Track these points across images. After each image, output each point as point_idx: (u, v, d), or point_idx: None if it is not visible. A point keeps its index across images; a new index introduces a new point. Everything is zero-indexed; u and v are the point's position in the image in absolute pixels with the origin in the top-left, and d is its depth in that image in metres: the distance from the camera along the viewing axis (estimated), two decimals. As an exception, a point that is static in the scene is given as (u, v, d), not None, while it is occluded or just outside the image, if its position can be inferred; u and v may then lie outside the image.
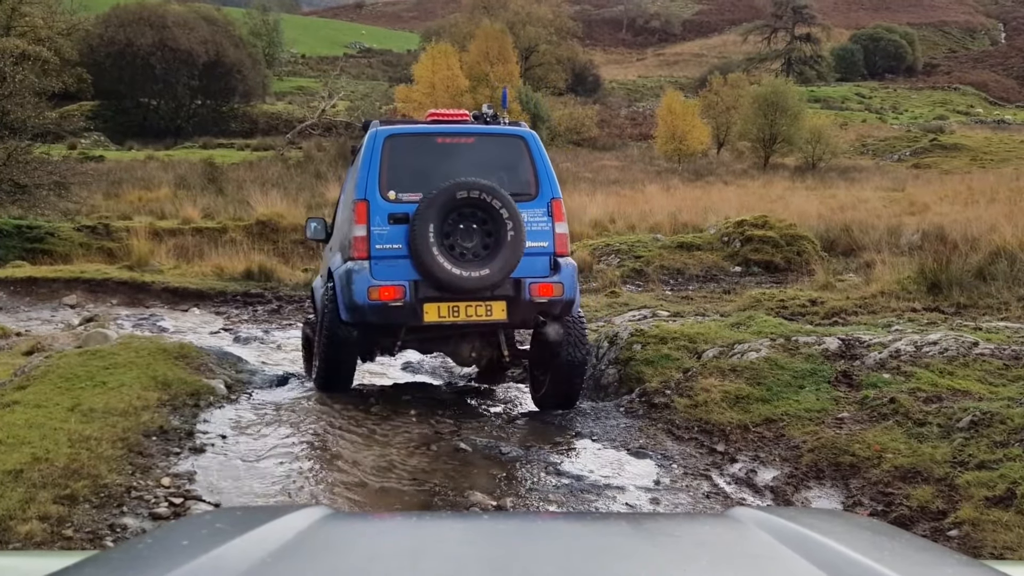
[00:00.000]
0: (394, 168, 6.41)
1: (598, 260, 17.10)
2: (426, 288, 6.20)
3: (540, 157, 6.66)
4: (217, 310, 14.40)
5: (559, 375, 6.69)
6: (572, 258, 6.55)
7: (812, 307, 12.07)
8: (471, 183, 6.17)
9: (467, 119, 7.06)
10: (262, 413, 5.93)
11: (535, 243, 6.37)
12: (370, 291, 6.15)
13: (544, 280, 6.35)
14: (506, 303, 6.29)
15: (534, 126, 41.38)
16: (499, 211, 6.16)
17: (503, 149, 6.75)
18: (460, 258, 6.18)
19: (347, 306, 6.32)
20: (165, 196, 27.82)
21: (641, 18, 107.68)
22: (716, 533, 1.43)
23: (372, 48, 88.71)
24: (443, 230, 6.15)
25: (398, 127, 6.84)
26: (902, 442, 5.07)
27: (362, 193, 6.32)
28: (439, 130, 6.72)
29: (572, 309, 6.54)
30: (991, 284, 11.81)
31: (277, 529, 1.32)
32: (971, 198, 29.49)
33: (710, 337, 7.12)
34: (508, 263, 6.15)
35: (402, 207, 6.30)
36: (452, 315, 6.24)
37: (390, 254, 6.24)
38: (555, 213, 6.52)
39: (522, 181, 6.58)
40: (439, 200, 6.11)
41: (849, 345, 6.40)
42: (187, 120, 52.63)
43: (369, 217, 6.26)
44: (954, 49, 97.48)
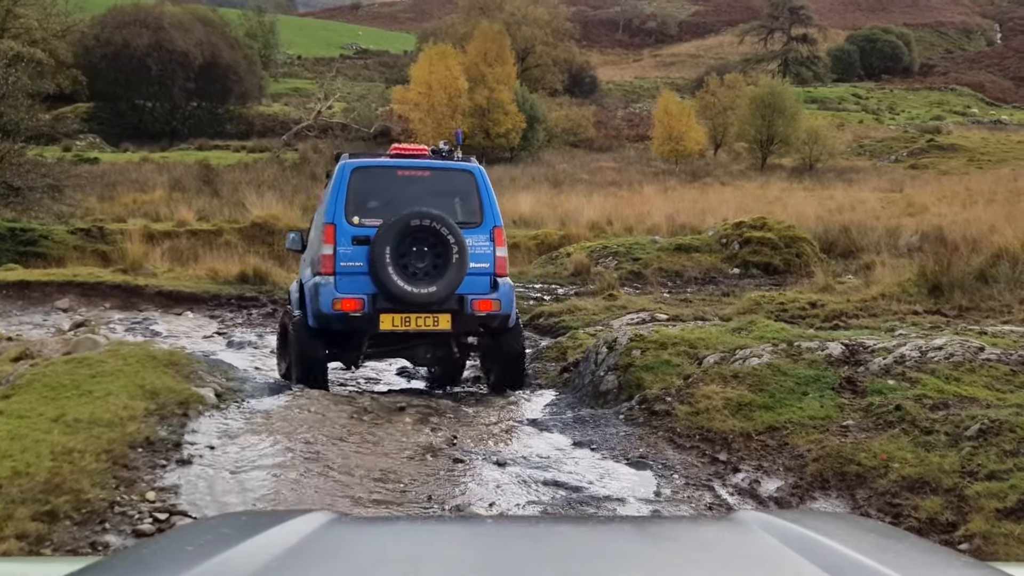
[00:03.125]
0: (359, 196, 7.48)
1: (596, 262, 16.97)
2: (382, 301, 7.23)
3: (486, 190, 7.75)
4: (211, 314, 14.25)
5: (504, 364, 7.90)
6: (573, 258, 7.18)
7: (812, 310, 11.94)
8: (424, 212, 7.20)
9: (426, 154, 8.16)
10: (252, 422, 5.78)
11: (478, 264, 7.45)
12: (334, 302, 7.23)
13: (484, 297, 7.46)
14: (451, 315, 7.37)
15: (531, 127, 41.01)
16: (447, 237, 7.19)
17: (455, 182, 7.85)
18: (412, 276, 7.21)
19: (314, 315, 7.36)
20: (160, 198, 27.64)
21: (637, 19, 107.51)
22: (720, 536, 1.42)
23: (368, 49, 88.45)
24: (398, 251, 7.17)
25: (364, 160, 7.93)
26: (909, 451, 4.94)
27: (331, 217, 7.37)
28: (399, 164, 7.83)
29: (509, 321, 7.68)
30: (993, 286, 11.69)
31: (282, 534, 1.32)
32: (969, 199, 29.41)
33: (711, 342, 6.98)
34: (453, 282, 7.22)
35: (364, 231, 7.32)
36: (404, 324, 7.31)
37: (352, 271, 7.29)
38: (496, 239, 7.64)
39: (470, 210, 7.68)
40: (396, 226, 7.14)
41: (853, 350, 6.27)
42: (183, 122, 52.38)
43: (336, 238, 7.31)
44: (950, 50, 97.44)
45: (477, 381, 8.71)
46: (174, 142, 49.02)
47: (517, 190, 31.01)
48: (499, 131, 46.15)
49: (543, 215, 24.82)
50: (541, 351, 8.99)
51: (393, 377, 9.30)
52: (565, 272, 16.60)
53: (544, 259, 18.20)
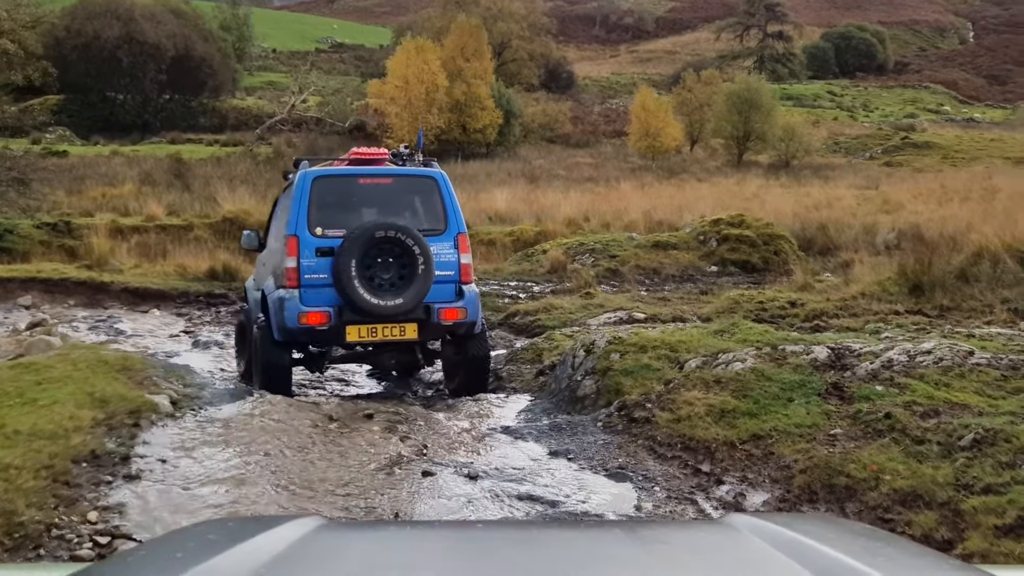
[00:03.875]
0: (321, 207, 7.37)
1: (572, 259, 16.71)
2: (348, 313, 7.16)
3: (449, 196, 7.69)
4: (179, 311, 13.89)
5: (468, 369, 7.83)
6: (549, 255, 7.04)
7: (792, 309, 11.75)
8: (388, 224, 7.18)
9: (386, 158, 8.06)
10: (209, 432, 5.46)
11: (443, 272, 7.38)
12: (299, 316, 7.13)
13: (450, 305, 7.42)
14: (418, 325, 7.34)
15: (507, 122, 40.72)
16: (412, 248, 7.13)
17: (417, 188, 7.80)
18: (378, 288, 7.15)
19: (280, 328, 7.27)
20: (129, 192, 27.09)
21: (614, 15, 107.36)
22: (711, 539, 1.42)
23: (344, 43, 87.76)
24: (363, 263, 7.09)
25: (325, 169, 7.82)
26: (900, 462, 4.72)
27: (293, 229, 7.25)
28: (361, 172, 7.75)
29: (475, 328, 7.66)
30: (974, 286, 11.54)
31: (270, 540, 1.31)
32: (945, 197, 29.41)
33: (692, 345, 6.72)
34: (419, 293, 7.18)
35: (328, 242, 7.23)
36: (371, 335, 7.27)
37: (317, 283, 7.19)
38: (460, 246, 7.58)
39: (433, 217, 7.62)
40: (360, 238, 7.06)
41: (839, 354, 6.04)
42: (155, 115, 51.57)
43: (299, 251, 7.20)
44: (924, 48, 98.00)
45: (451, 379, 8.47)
46: (146, 135, 48.30)
47: (493, 186, 30.74)
48: (476, 126, 45.78)
49: (519, 211, 24.53)
50: (516, 353, 8.69)
51: (365, 379, 8.99)
52: (541, 269, 16.34)
53: (520, 256, 17.93)
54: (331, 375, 8.83)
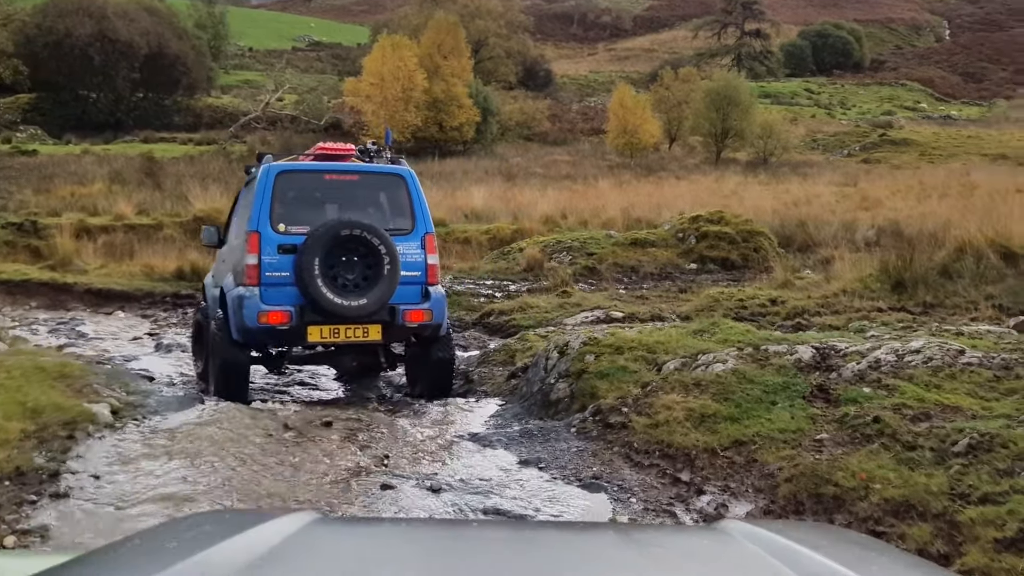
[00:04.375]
0: (284, 202, 7.11)
1: (549, 257, 16.40)
2: (310, 313, 6.89)
3: (417, 194, 7.43)
4: (144, 312, 13.49)
5: (432, 372, 7.57)
6: (526, 253, 6.82)
7: (772, 307, 11.50)
8: (354, 222, 6.93)
9: (353, 154, 7.84)
10: (152, 444, 5.08)
11: (409, 273, 7.14)
12: (259, 315, 6.84)
13: (416, 307, 7.17)
14: (382, 327, 7.08)
15: (484, 120, 40.38)
16: (378, 247, 6.88)
17: (384, 186, 7.57)
18: (342, 288, 6.90)
19: (238, 328, 6.97)
20: (99, 191, 26.55)
21: (592, 13, 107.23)
22: (704, 545, 1.42)
23: (321, 41, 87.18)
24: (327, 262, 6.84)
25: (289, 164, 7.54)
26: (891, 469, 4.43)
27: (255, 225, 6.96)
28: (327, 167, 7.51)
29: (441, 331, 7.41)
30: (957, 282, 11.32)
31: (265, 533, 1.31)
32: (923, 193, 29.36)
33: (671, 346, 6.39)
34: (384, 294, 6.93)
35: (291, 239, 6.95)
36: (333, 336, 7.01)
37: (279, 281, 6.91)
38: (428, 246, 7.33)
39: (400, 216, 7.39)
40: (324, 236, 6.81)
41: (824, 355, 5.75)
42: (128, 113, 50.93)
43: (260, 247, 6.92)
44: (900, 46, 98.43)
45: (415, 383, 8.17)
46: (119, 134, 47.65)
47: (470, 184, 30.45)
48: (453, 124, 45.42)
49: (496, 209, 24.21)
50: (488, 355, 8.34)
51: (330, 383, 8.63)
52: (517, 268, 16.02)
53: (496, 254, 17.60)
54: (295, 378, 8.48)
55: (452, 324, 12.08)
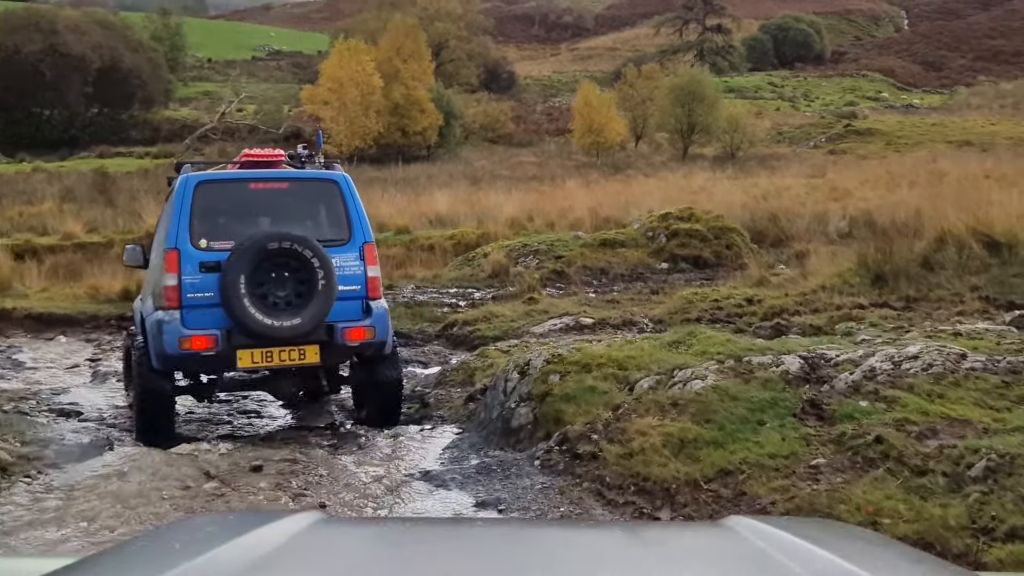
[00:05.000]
0: (205, 216, 6.50)
1: (515, 262, 15.79)
2: (239, 336, 6.25)
3: (353, 201, 6.83)
4: (88, 337, 12.74)
5: (378, 395, 6.97)
6: (491, 258, 6.45)
7: (749, 307, 10.97)
8: (282, 234, 6.31)
9: (282, 160, 7.19)
10: (44, 506, 4.39)
11: (347, 287, 6.53)
12: (181, 341, 6.18)
13: (356, 324, 6.54)
14: (319, 347, 6.45)
15: (447, 124, 39.71)
16: (311, 261, 6.28)
17: (317, 194, 6.97)
18: (272, 307, 6.29)
19: (158, 356, 6.31)
20: (48, 210, 25.65)
21: (553, 14, 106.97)
22: (709, 541, 1.42)
23: (282, 50, 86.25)
24: (255, 280, 6.23)
25: (210, 173, 6.91)
26: (901, 500, 3.86)
27: (172, 242, 6.34)
28: (252, 176, 6.83)
29: (385, 349, 6.79)
30: (939, 273, 10.83)
31: (269, 533, 1.30)
32: (892, 182, 29.11)
33: (643, 361, 5.76)
34: (320, 312, 6.31)
35: (214, 255, 6.34)
36: (266, 360, 6.37)
37: (202, 302, 6.28)
38: (367, 257, 6.74)
39: (335, 226, 6.78)
40: (250, 251, 6.20)
41: (813, 365, 5.17)
42: (83, 129, 49.93)
43: (180, 266, 6.30)
44: (860, 37, 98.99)
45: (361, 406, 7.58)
46: (74, 150, 46.67)
47: (434, 188, 29.86)
48: (416, 129, 44.78)
49: (461, 213, 23.60)
50: (446, 374, 7.66)
51: (277, 409, 7.94)
52: (482, 274, 15.40)
53: (460, 260, 16.97)
54: (238, 406, 7.81)
55: (414, 337, 11.50)
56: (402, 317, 12.39)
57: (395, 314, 12.62)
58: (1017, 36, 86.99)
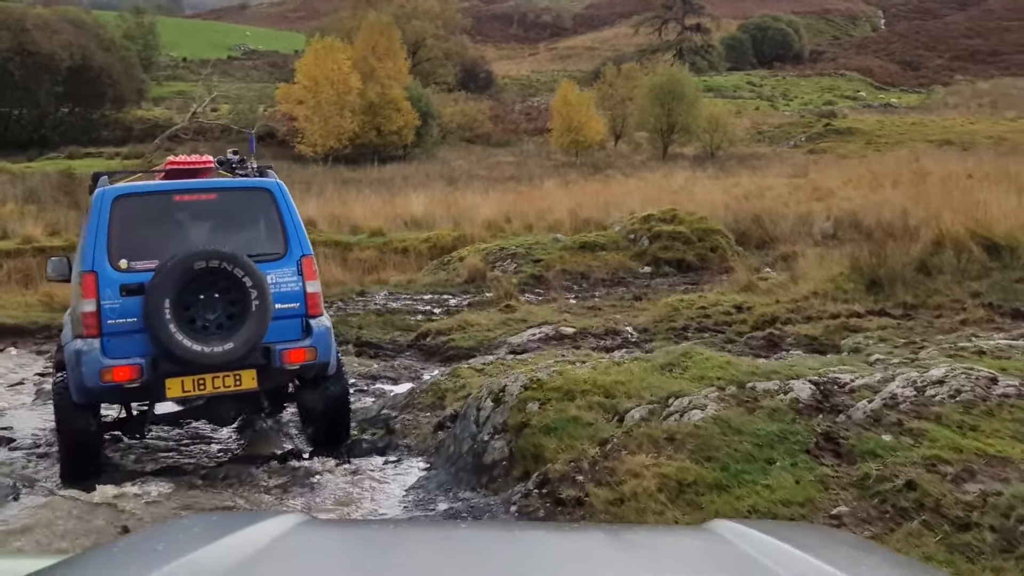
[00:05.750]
0: (125, 233, 5.92)
1: (492, 266, 15.18)
2: (167, 363, 5.73)
3: (288, 211, 6.30)
4: (39, 349, 12.02)
5: (325, 415, 6.54)
6: (467, 262, 6.37)
7: (738, 314, 10.38)
8: (209, 252, 5.79)
9: (210, 168, 6.70)
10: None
11: (284, 305, 6.05)
12: (102, 373, 5.62)
13: (296, 345, 6.04)
14: (256, 371, 5.97)
15: (425, 123, 38.97)
16: (242, 280, 5.79)
17: (248, 204, 6.44)
18: (202, 331, 5.79)
19: (78, 389, 5.76)
20: (10, 213, 24.72)
21: (532, 13, 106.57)
22: (695, 545, 1.41)
23: (258, 50, 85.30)
24: (181, 303, 5.74)
25: (129, 186, 6.30)
26: (943, 560, 3.26)
27: (89, 264, 5.79)
28: (176, 187, 6.27)
29: (328, 369, 6.30)
30: (937, 279, 10.30)
31: (253, 535, 1.30)
32: (874, 181, 28.76)
33: (634, 387, 5.09)
34: (255, 334, 5.82)
35: (136, 276, 5.81)
36: (198, 388, 5.86)
37: (125, 329, 5.75)
38: (305, 271, 6.22)
39: (270, 239, 6.27)
40: (174, 272, 5.69)
41: (825, 391, 4.56)
42: (53, 129, 48.86)
43: (98, 290, 5.74)
44: (837, 36, 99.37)
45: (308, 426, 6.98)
46: (44, 151, 45.56)
47: (410, 189, 29.24)
48: (392, 128, 44.08)
49: (437, 215, 22.96)
50: (414, 396, 6.97)
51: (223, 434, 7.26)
52: (458, 279, 14.77)
53: (436, 265, 16.33)
54: (190, 430, 7.14)
55: (385, 347, 10.85)
56: (373, 326, 11.76)
57: (366, 322, 12.02)
58: (993, 36, 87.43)
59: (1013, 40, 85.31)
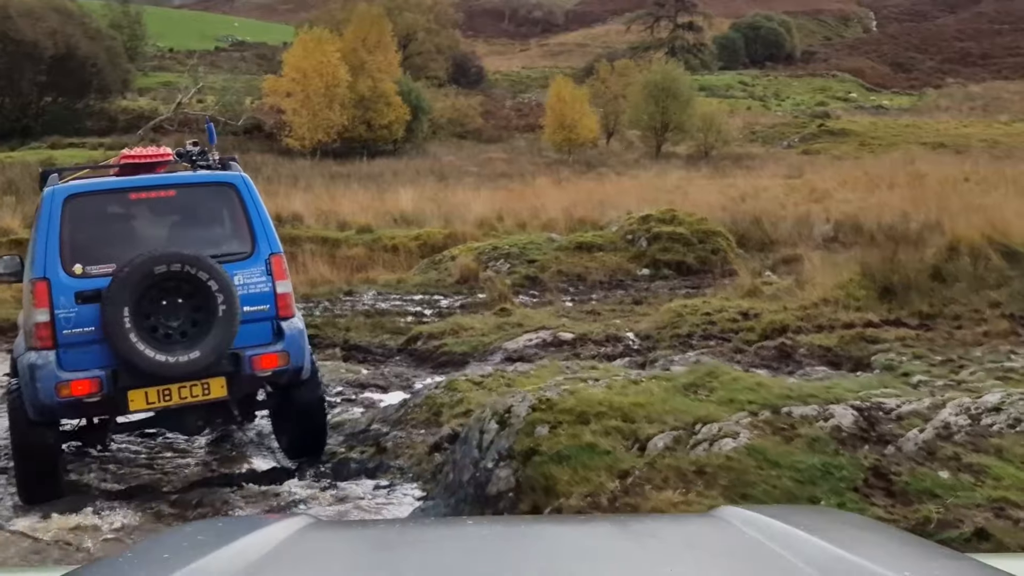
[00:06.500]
0: (79, 236, 5.54)
1: (485, 266, 14.67)
2: (129, 375, 5.34)
3: (254, 206, 5.87)
4: (10, 347, 11.43)
5: (300, 422, 6.21)
6: (458, 262, 6.22)
7: (745, 321, 9.91)
8: (171, 255, 5.41)
9: (168, 160, 6.21)
10: None
11: (253, 307, 5.66)
12: (59, 387, 5.22)
13: (266, 351, 5.68)
14: (226, 379, 5.59)
15: (415, 118, 38.28)
16: (207, 283, 5.41)
17: (211, 200, 6.00)
18: (165, 340, 5.39)
19: (33, 404, 5.34)
20: (-15, 204, 24.10)
21: (523, 8, 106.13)
22: (703, 533, 1.41)
23: (246, 41, 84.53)
24: (141, 311, 5.34)
25: (81, 184, 5.81)
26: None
27: (40, 270, 5.36)
28: (132, 184, 5.81)
29: (303, 374, 5.92)
30: (953, 287, 9.85)
31: (259, 540, 1.30)
32: (871, 183, 28.47)
33: (655, 411, 4.53)
34: (222, 342, 5.44)
35: (93, 283, 5.40)
36: (164, 399, 5.48)
37: (82, 339, 5.35)
38: (275, 271, 5.82)
39: (236, 237, 5.87)
40: (133, 277, 5.31)
41: (870, 418, 4.08)
42: (36, 119, 48.09)
43: (52, 299, 5.32)
44: (829, 37, 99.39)
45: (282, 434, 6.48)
46: (26, 140, 44.79)
47: (399, 185, 28.71)
48: (382, 122, 43.52)
49: (427, 212, 22.44)
50: (406, 410, 6.41)
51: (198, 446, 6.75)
52: (450, 279, 14.26)
53: (426, 264, 15.81)
54: (160, 439, 6.65)
55: (374, 351, 10.34)
56: (361, 328, 11.26)
57: (354, 324, 11.51)
58: (984, 39, 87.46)
59: (1005, 44, 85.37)
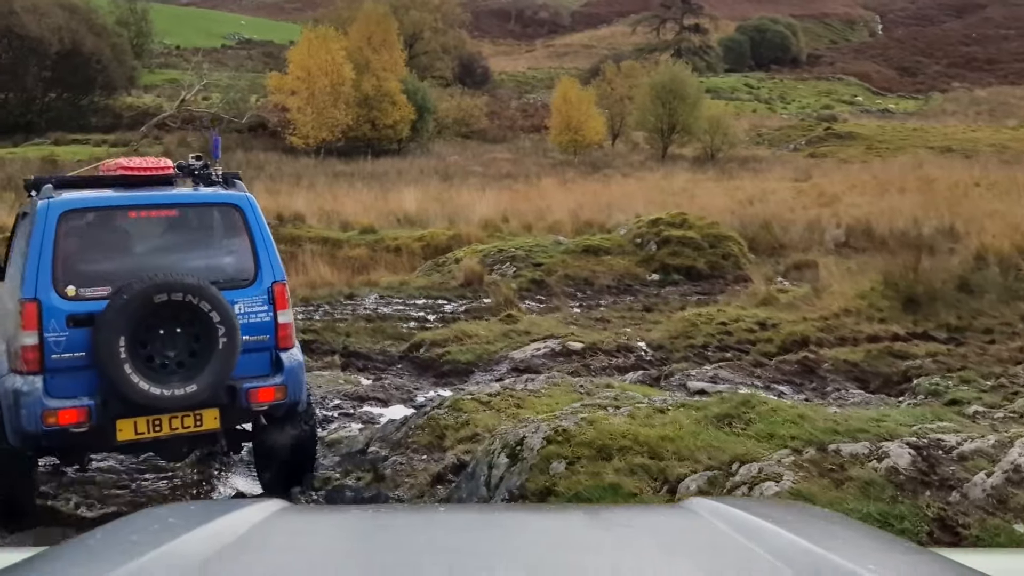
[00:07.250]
0: (73, 254, 5.22)
1: (490, 269, 14.24)
2: (118, 405, 5.04)
3: (259, 229, 5.55)
4: None
5: (284, 460, 5.79)
6: (463, 264, 6.83)
7: (763, 332, 9.46)
8: (172, 283, 5.07)
9: (168, 174, 5.71)
10: None
11: (253, 337, 5.37)
12: (45, 415, 4.96)
13: (264, 384, 5.38)
14: (219, 411, 5.33)
15: (420, 117, 37.82)
16: (208, 314, 5.10)
17: (214, 222, 5.70)
18: (161, 370, 5.10)
19: (15, 431, 5.06)
20: (-16, 199, 23.76)
21: (529, 9, 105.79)
22: (672, 523, 1.42)
23: (252, 39, 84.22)
24: (137, 339, 5.04)
25: (77, 198, 5.37)
26: None
27: (31, 291, 5.03)
28: (132, 201, 5.46)
29: (299, 407, 5.62)
30: (981, 298, 9.42)
31: (231, 523, 1.29)
32: (880, 187, 28.04)
33: (685, 446, 3.98)
34: (220, 376, 5.15)
35: (85, 306, 5.08)
36: (154, 430, 5.21)
37: (71, 364, 5.05)
38: (277, 300, 5.51)
39: (237, 263, 5.55)
40: (131, 304, 4.99)
41: (929, 459, 3.62)
42: (40, 114, 47.71)
43: (42, 321, 5.01)
44: (835, 40, 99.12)
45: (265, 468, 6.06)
46: (30, 136, 44.45)
47: (403, 185, 28.30)
48: (387, 122, 43.11)
49: (431, 212, 22.02)
50: (407, 434, 5.87)
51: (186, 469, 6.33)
52: (454, 282, 13.82)
53: (430, 266, 15.37)
54: (146, 459, 6.23)
55: (375, 359, 9.89)
56: (362, 333, 10.82)
57: (354, 330, 11.06)
58: (990, 44, 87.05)
59: (1011, 48, 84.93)
